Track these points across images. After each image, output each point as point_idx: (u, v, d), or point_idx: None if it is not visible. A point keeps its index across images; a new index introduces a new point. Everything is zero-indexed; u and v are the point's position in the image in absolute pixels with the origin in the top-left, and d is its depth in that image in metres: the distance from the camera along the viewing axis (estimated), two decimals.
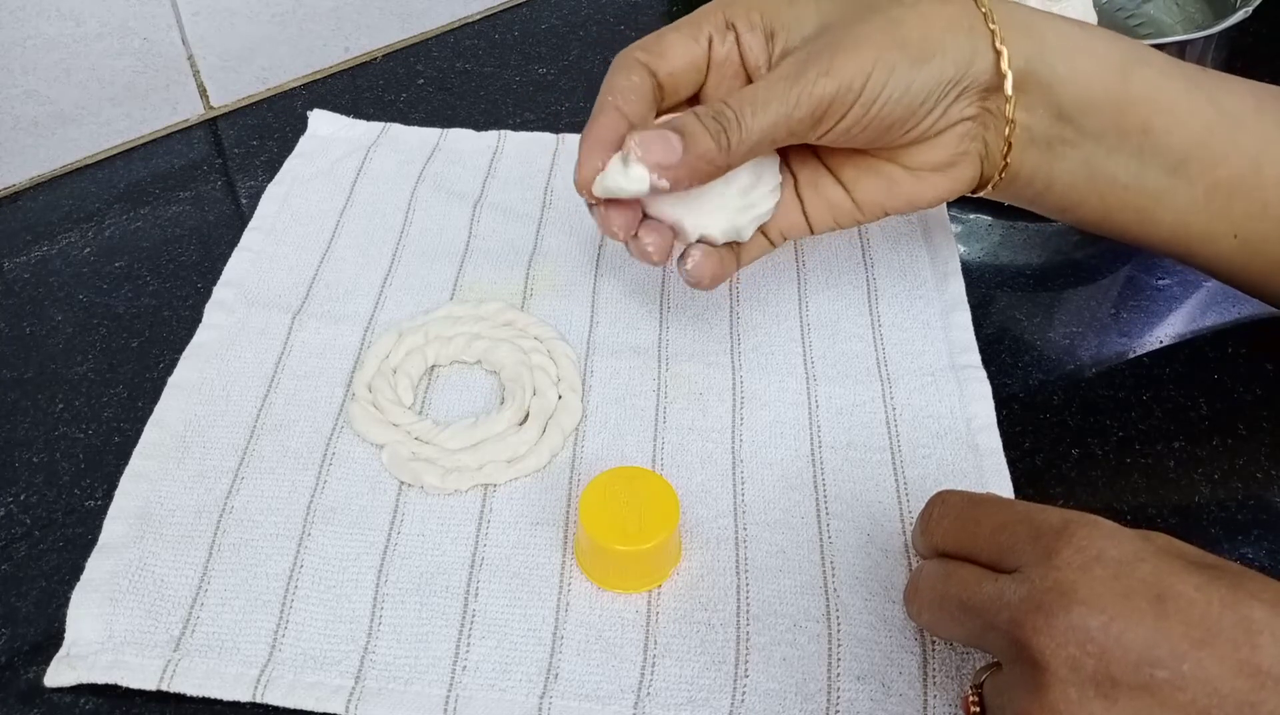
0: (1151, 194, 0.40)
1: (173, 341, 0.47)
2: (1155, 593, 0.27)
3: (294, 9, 0.60)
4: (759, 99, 0.36)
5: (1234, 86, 0.40)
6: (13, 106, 0.53)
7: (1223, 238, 0.41)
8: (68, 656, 0.36)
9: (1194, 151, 0.39)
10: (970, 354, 0.46)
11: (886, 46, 0.36)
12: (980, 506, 0.32)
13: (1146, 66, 0.39)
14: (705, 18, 0.39)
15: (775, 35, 0.39)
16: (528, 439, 0.42)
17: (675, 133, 0.36)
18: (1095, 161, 0.40)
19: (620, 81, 0.38)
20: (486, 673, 0.36)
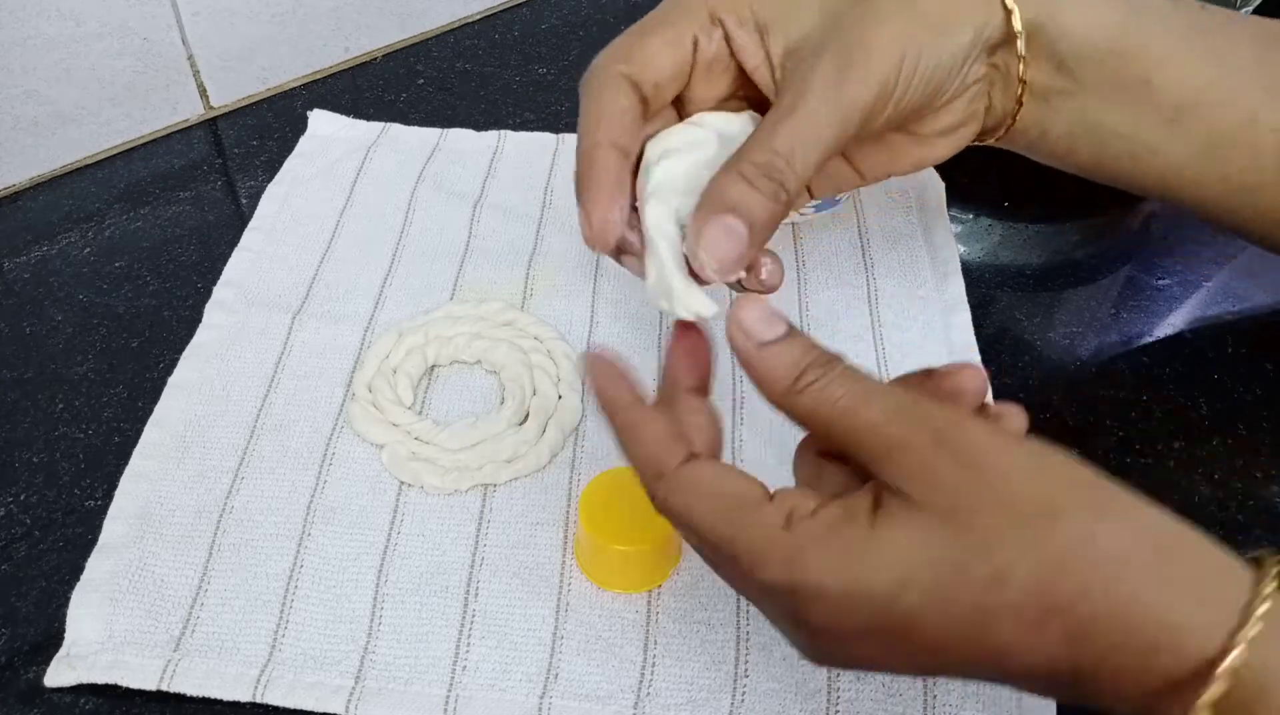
0: (1146, 143, 0.40)
1: (173, 341, 0.47)
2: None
3: (294, 9, 0.60)
4: (805, 134, 0.32)
5: (1237, 33, 0.39)
6: (13, 106, 0.53)
7: (1213, 183, 0.40)
8: (68, 656, 0.36)
9: (1192, 103, 0.39)
10: (970, 354, 0.46)
11: (910, 29, 0.34)
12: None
13: (1148, 16, 0.38)
14: (686, 14, 0.35)
15: (769, 29, 0.35)
16: (528, 438, 0.42)
17: (733, 216, 0.31)
18: (1092, 112, 0.39)
19: (607, 107, 0.34)
20: (486, 673, 0.36)
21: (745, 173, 0.32)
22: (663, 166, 0.33)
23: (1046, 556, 0.25)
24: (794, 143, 0.32)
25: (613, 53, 0.35)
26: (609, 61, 0.34)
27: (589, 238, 0.33)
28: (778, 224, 0.33)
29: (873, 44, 0.33)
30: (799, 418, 0.29)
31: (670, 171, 0.33)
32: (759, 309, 0.29)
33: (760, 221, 0.32)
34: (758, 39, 0.35)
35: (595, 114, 0.33)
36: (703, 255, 0.31)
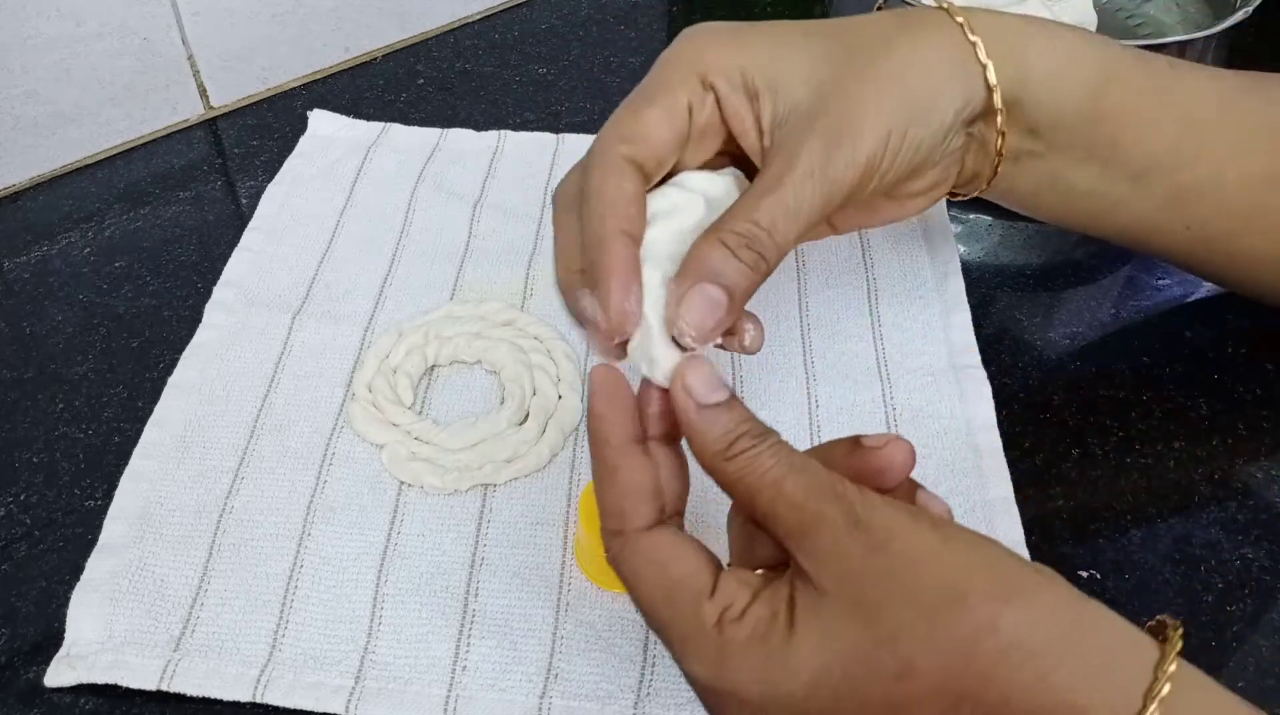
0: (1112, 199, 0.40)
1: (173, 341, 0.47)
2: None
3: (294, 9, 0.60)
4: (789, 209, 0.33)
5: (1205, 90, 0.40)
6: (13, 106, 0.53)
7: (1178, 233, 0.41)
8: (68, 656, 0.36)
9: (1159, 161, 0.39)
10: (970, 354, 0.46)
11: (897, 109, 0.35)
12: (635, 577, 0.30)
13: (1120, 83, 0.38)
14: (679, 82, 0.35)
15: (760, 95, 0.35)
16: (527, 438, 0.42)
17: (714, 284, 0.31)
18: (1059, 171, 0.40)
19: (614, 194, 0.33)
20: (486, 672, 0.36)
21: (728, 241, 0.32)
22: (650, 233, 0.33)
23: (952, 646, 0.25)
24: (776, 217, 0.32)
25: (614, 132, 0.34)
26: (612, 143, 0.34)
27: (606, 329, 0.32)
28: (755, 291, 0.33)
29: (861, 124, 0.34)
30: (726, 483, 0.29)
31: (656, 237, 0.33)
32: (704, 372, 0.30)
33: (740, 290, 0.32)
34: (748, 104, 0.35)
35: (604, 201, 0.33)
36: (682, 323, 0.31)
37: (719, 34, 0.36)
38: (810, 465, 0.28)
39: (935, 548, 0.27)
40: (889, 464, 0.30)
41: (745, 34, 0.36)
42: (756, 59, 0.35)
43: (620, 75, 0.63)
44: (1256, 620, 0.38)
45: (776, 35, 0.36)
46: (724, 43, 0.35)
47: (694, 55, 0.35)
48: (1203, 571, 0.39)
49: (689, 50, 0.36)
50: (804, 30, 0.37)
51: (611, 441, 0.30)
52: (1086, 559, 0.39)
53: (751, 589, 0.28)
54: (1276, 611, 0.38)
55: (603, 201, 0.33)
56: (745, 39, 0.36)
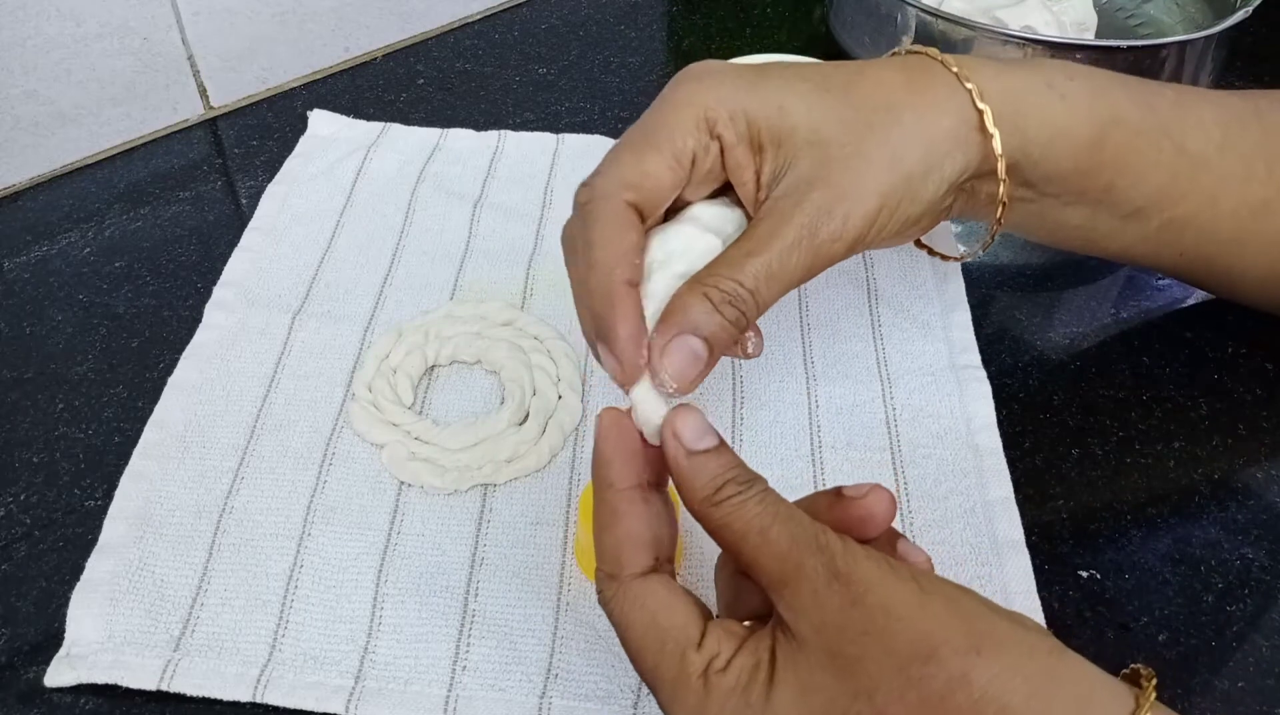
0: (1103, 232, 0.41)
1: (173, 341, 0.47)
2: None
3: (294, 9, 0.60)
4: (773, 273, 0.33)
5: (1206, 125, 0.40)
6: (13, 106, 0.53)
7: (1170, 257, 0.42)
8: (67, 656, 0.36)
9: (1152, 200, 0.39)
10: (970, 354, 0.46)
11: (894, 187, 0.34)
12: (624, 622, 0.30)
13: (1120, 131, 0.38)
14: (685, 128, 0.34)
15: (764, 150, 0.35)
16: (527, 438, 0.42)
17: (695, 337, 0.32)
18: (1050, 212, 0.40)
19: (618, 243, 0.33)
20: (486, 672, 0.36)
21: (711, 296, 0.32)
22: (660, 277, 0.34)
23: (924, 699, 0.26)
24: (760, 279, 0.33)
25: (616, 177, 0.34)
26: (614, 188, 0.33)
27: (620, 380, 0.33)
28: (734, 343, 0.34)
29: (854, 198, 0.34)
30: (712, 528, 0.29)
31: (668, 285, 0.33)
32: (695, 419, 0.30)
33: (721, 343, 0.33)
34: (751, 158, 0.35)
35: (609, 251, 0.33)
36: (664, 373, 0.32)
37: (727, 78, 0.35)
38: (795, 515, 0.29)
39: (911, 600, 0.27)
40: (869, 513, 0.31)
41: (754, 80, 0.35)
42: (765, 111, 0.34)
43: (620, 75, 0.63)
44: (1256, 620, 0.38)
45: (785, 85, 0.35)
46: (732, 88, 0.35)
47: (700, 97, 0.35)
48: (1203, 571, 0.39)
49: (696, 94, 0.35)
50: (813, 83, 0.36)
51: (616, 485, 0.30)
52: (1086, 559, 0.39)
53: (737, 639, 0.29)
54: (1276, 611, 0.38)
55: (606, 253, 0.33)
56: (754, 86, 0.35)
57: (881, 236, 0.35)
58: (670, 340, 0.32)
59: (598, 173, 0.34)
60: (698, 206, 0.36)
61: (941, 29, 0.55)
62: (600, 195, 0.33)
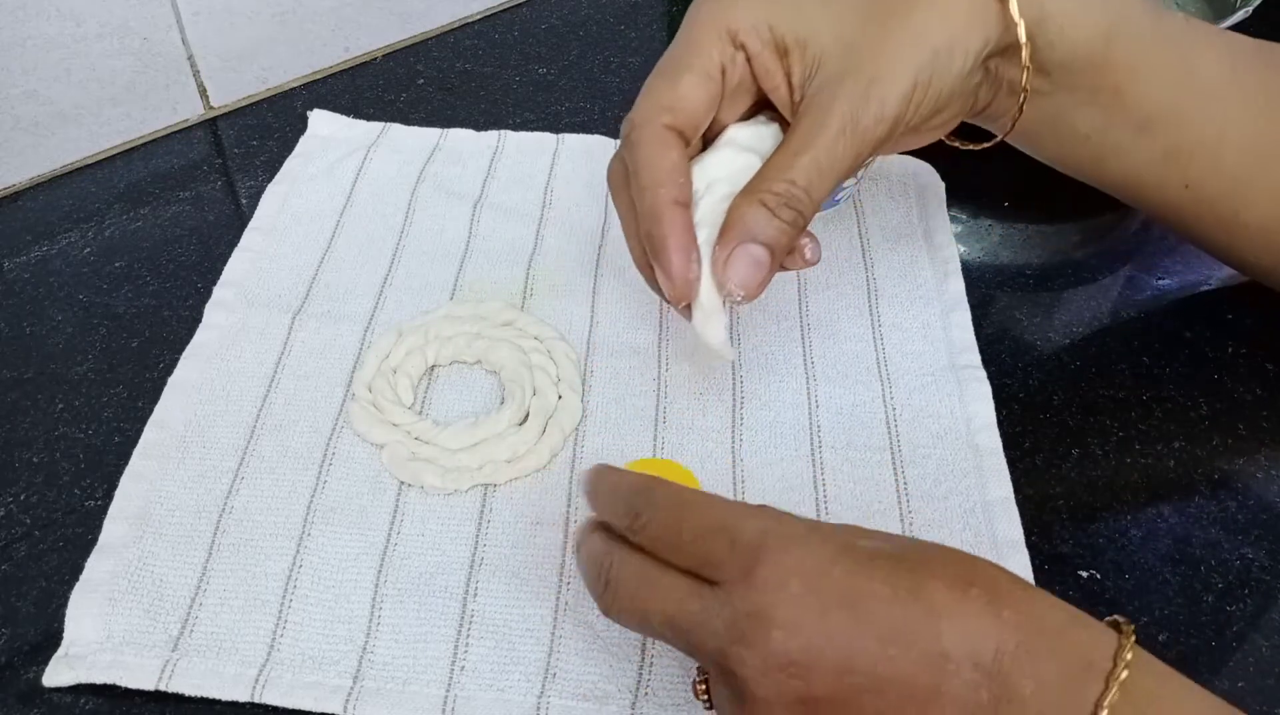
0: (1111, 147, 0.41)
1: (173, 341, 0.47)
2: (848, 598, 0.27)
3: (294, 9, 0.60)
4: (823, 167, 0.34)
5: (1215, 50, 0.40)
6: (13, 106, 0.53)
7: (1176, 189, 0.42)
8: (66, 656, 0.36)
9: (1161, 115, 0.40)
10: (970, 354, 0.46)
11: (923, 62, 0.35)
12: (686, 508, 0.30)
13: (1131, 30, 0.39)
14: (709, 44, 0.35)
15: (790, 52, 0.36)
16: (528, 439, 0.42)
17: (756, 243, 0.34)
18: (1062, 112, 0.40)
19: (661, 164, 0.34)
20: (485, 673, 0.36)
21: (767, 202, 0.33)
22: (707, 200, 0.35)
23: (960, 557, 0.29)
24: (812, 175, 0.34)
25: (652, 102, 0.35)
26: (652, 114, 0.35)
27: (673, 296, 0.34)
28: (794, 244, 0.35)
29: (887, 79, 0.35)
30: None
31: (716, 208, 0.35)
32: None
33: (781, 247, 0.34)
34: (778, 61, 0.36)
35: (652, 172, 0.34)
36: (730, 283, 0.33)
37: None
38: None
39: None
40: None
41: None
42: (783, 15, 0.35)
43: (620, 75, 0.63)
44: (1256, 620, 0.38)
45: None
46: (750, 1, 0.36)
47: (721, 14, 0.36)
48: (1203, 571, 0.39)
49: (715, 9, 0.36)
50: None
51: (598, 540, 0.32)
52: (1086, 559, 0.39)
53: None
54: (1276, 611, 0.38)
55: (652, 174, 0.34)
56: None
57: (919, 114, 0.36)
58: (732, 250, 0.33)
59: (635, 104, 0.35)
60: (732, 129, 0.37)
61: None
62: (640, 123, 0.34)
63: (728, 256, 0.33)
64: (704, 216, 0.35)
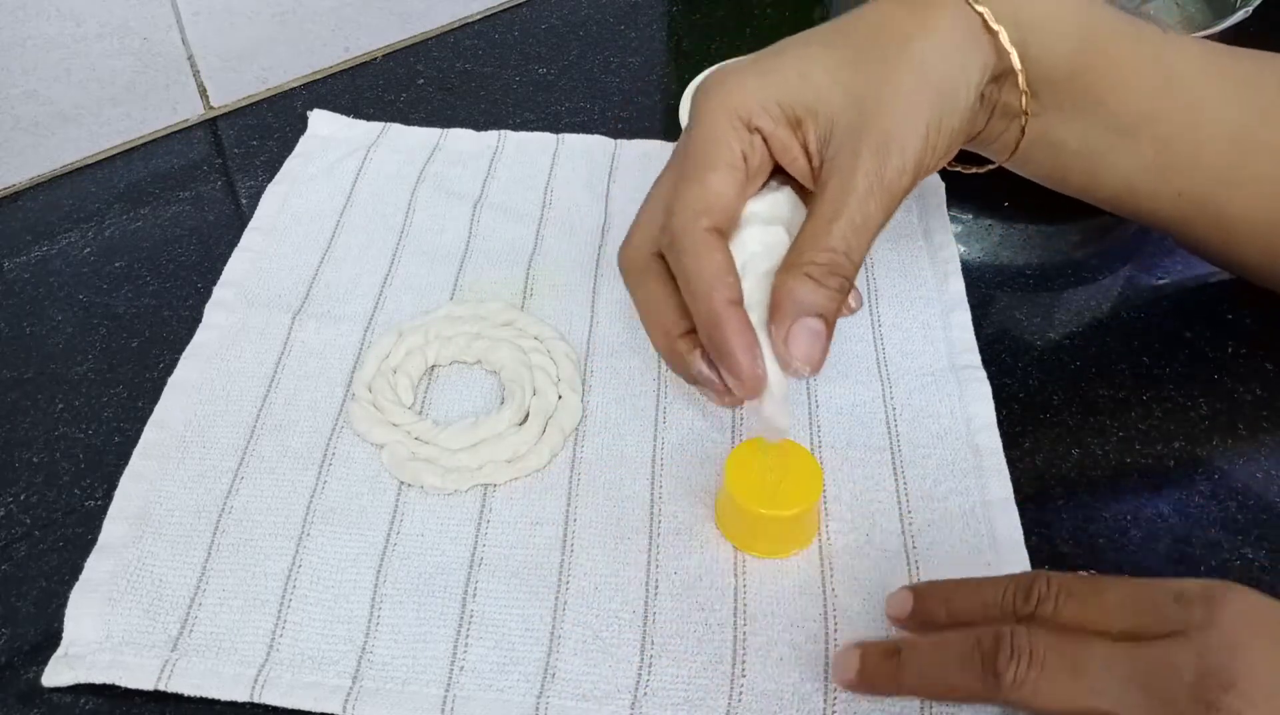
0: (1101, 158, 0.41)
1: (173, 341, 0.47)
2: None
3: (294, 9, 0.60)
4: (859, 227, 0.35)
5: (1186, 46, 0.41)
6: (13, 106, 0.53)
7: (1167, 196, 0.42)
8: (65, 656, 0.36)
9: (1143, 119, 0.40)
10: (970, 354, 0.46)
11: (931, 106, 0.36)
12: (1098, 581, 0.31)
13: (1103, 35, 0.39)
14: (726, 133, 0.36)
15: (802, 122, 0.36)
16: (527, 439, 0.42)
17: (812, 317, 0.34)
18: (1051, 130, 0.41)
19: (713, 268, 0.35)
20: (484, 673, 0.36)
21: (813, 274, 0.34)
22: (747, 283, 0.35)
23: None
24: (850, 238, 0.34)
25: (689, 207, 0.35)
26: (691, 220, 0.35)
27: (745, 393, 0.35)
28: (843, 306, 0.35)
29: (903, 130, 0.35)
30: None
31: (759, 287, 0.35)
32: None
33: (835, 313, 0.35)
34: (792, 134, 0.36)
35: (707, 278, 0.34)
36: (795, 361, 0.34)
37: (744, 73, 0.36)
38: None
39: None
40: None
41: (769, 64, 0.37)
42: (789, 87, 0.36)
43: (620, 75, 0.63)
44: None
45: (799, 56, 0.37)
46: (752, 80, 0.36)
47: (730, 102, 0.36)
48: (1203, 571, 0.39)
49: (723, 98, 0.36)
50: (822, 42, 0.37)
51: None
52: (1086, 559, 0.39)
53: None
54: None
55: (704, 280, 0.34)
56: (771, 69, 0.36)
57: (936, 155, 0.37)
58: (790, 327, 0.34)
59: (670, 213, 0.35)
60: (750, 204, 0.37)
61: None
62: (681, 232, 0.35)
63: (786, 334, 0.34)
64: (750, 299, 0.35)
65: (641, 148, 0.57)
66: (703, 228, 0.35)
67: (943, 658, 0.32)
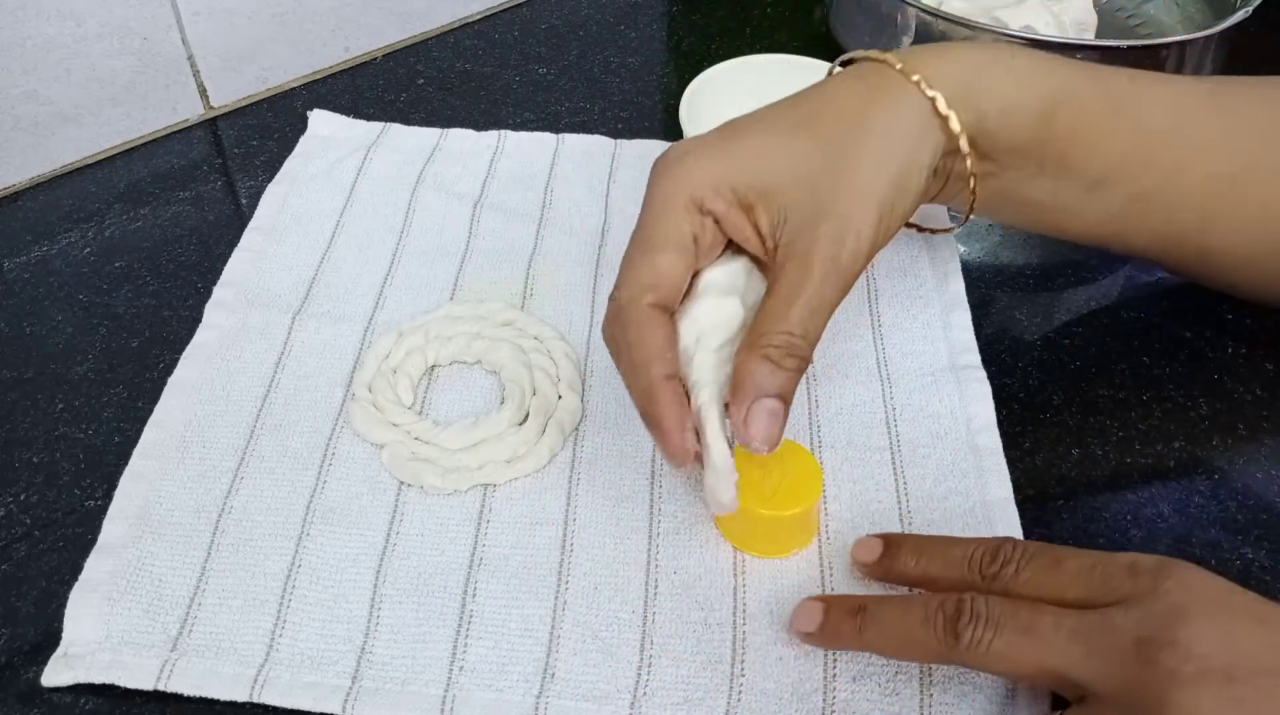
0: (1067, 207, 0.42)
1: (173, 341, 0.47)
2: (1257, 615, 0.30)
3: (294, 9, 0.60)
4: (815, 309, 0.36)
5: (1161, 99, 0.41)
6: (13, 106, 0.53)
7: (1141, 234, 0.43)
8: (65, 656, 0.36)
9: (1112, 172, 0.40)
10: (970, 354, 0.46)
11: (885, 192, 0.37)
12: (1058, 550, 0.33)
13: (1071, 104, 0.39)
14: (677, 216, 0.36)
15: (754, 207, 0.37)
16: (527, 438, 0.42)
17: (770, 398, 0.35)
18: (1014, 186, 0.41)
19: (652, 343, 0.36)
20: (483, 673, 0.36)
21: (771, 356, 0.35)
22: (700, 357, 0.36)
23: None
24: (807, 321, 0.35)
25: (634, 284, 0.36)
26: (636, 296, 0.36)
27: (675, 464, 0.37)
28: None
29: (857, 216, 0.36)
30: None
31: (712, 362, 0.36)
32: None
33: (791, 392, 0.36)
34: (745, 218, 0.37)
35: (644, 353, 0.36)
36: (754, 441, 0.35)
37: (700, 155, 0.37)
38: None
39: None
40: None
41: (726, 147, 0.37)
42: (744, 171, 0.37)
43: (620, 75, 0.63)
44: None
45: (757, 143, 0.37)
46: (708, 164, 0.37)
47: (683, 185, 0.37)
48: None
49: (678, 183, 0.37)
50: (781, 132, 0.38)
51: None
52: None
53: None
54: None
55: (642, 352, 0.36)
56: (728, 153, 0.37)
57: (888, 234, 0.38)
58: (749, 408, 0.35)
59: (618, 283, 0.37)
60: (706, 274, 0.38)
61: (941, 29, 0.55)
62: (626, 304, 0.36)
63: (746, 414, 0.35)
64: (701, 375, 0.36)
65: (641, 148, 0.57)
66: (646, 303, 0.36)
67: (907, 617, 0.33)
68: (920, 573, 0.36)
